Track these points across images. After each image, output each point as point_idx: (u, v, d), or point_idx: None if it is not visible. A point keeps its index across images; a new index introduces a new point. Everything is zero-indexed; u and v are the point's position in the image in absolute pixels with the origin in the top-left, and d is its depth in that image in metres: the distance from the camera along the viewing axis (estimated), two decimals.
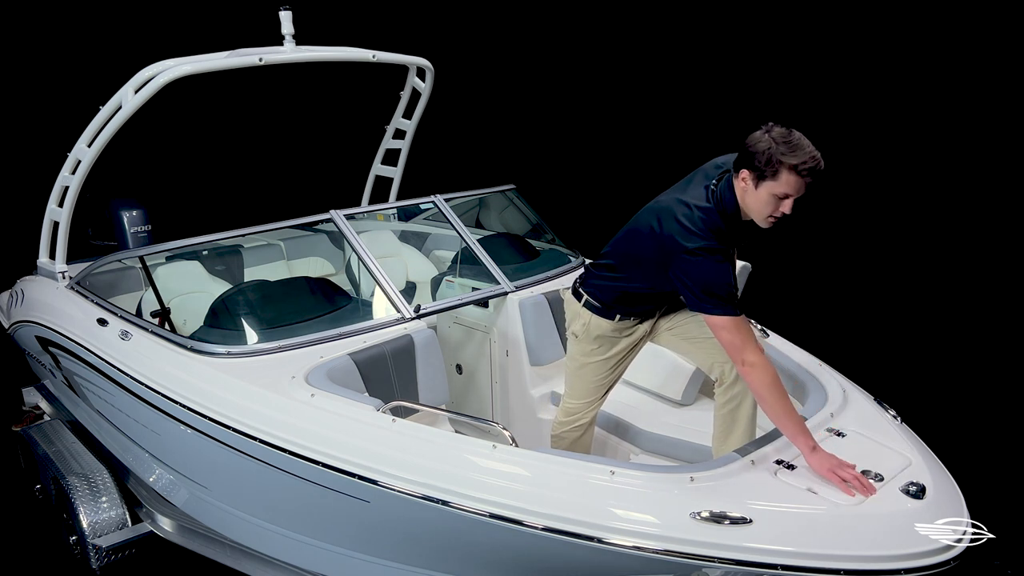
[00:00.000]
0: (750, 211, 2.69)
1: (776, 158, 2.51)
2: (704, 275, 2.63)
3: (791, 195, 2.58)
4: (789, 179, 2.53)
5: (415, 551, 2.87)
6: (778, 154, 2.51)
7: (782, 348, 3.38)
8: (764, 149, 2.53)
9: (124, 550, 3.90)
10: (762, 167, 2.55)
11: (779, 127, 2.57)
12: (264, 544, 3.40)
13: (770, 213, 2.64)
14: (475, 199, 4.89)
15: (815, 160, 2.52)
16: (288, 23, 4.11)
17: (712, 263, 2.62)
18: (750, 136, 2.61)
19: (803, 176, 2.52)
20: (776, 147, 2.52)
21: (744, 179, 2.63)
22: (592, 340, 3.15)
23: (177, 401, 3.27)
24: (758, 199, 2.62)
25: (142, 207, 4.81)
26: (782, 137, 2.53)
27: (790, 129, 2.57)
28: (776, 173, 2.53)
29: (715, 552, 2.21)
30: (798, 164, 2.50)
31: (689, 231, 2.65)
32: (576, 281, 3.24)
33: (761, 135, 2.58)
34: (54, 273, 4.47)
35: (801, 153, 2.51)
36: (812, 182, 2.55)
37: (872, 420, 2.80)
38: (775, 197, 2.58)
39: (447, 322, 3.94)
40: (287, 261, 5.30)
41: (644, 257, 2.86)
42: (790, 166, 2.50)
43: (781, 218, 2.66)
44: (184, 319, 3.91)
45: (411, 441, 2.68)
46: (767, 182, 2.56)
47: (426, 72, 4.99)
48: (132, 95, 3.88)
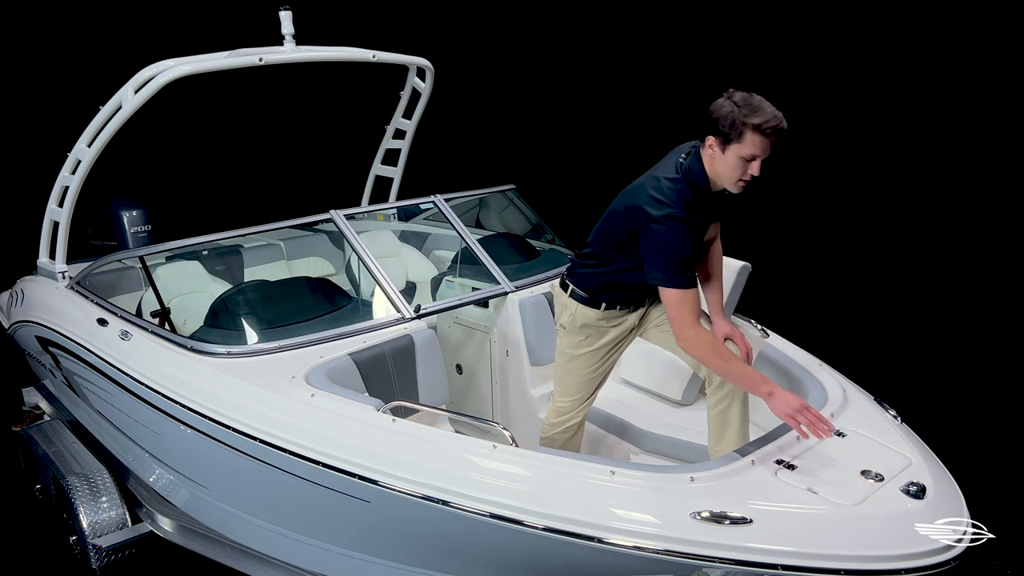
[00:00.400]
0: (720, 178, 2.75)
1: (740, 120, 2.59)
2: (666, 243, 2.69)
3: (758, 156, 2.64)
4: (754, 139, 2.60)
5: (415, 551, 2.87)
6: (741, 116, 2.59)
7: (782, 348, 3.38)
8: (727, 113, 2.61)
9: (124, 550, 3.89)
10: (727, 131, 2.62)
11: (740, 92, 2.65)
12: (264, 544, 3.40)
13: (739, 176, 2.70)
14: (475, 199, 4.89)
15: (777, 119, 2.60)
16: (288, 23, 4.11)
17: (676, 232, 2.68)
18: (712, 104, 2.68)
19: (767, 136, 2.60)
20: (739, 110, 2.60)
21: (711, 146, 2.70)
22: (579, 330, 3.15)
23: (177, 401, 3.27)
24: (726, 163, 2.69)
25: (142, 207, 4.81)
26: (743, 100, 2.62)
27: (750, 92, 2.65)
28: (741, 135, 2.61)
29: (715, 552, 2.21)
30: (762, 124, 2.58)
31: (658, 201, 2.71)
32: (563, 273, 3.27)
33: (723, 101, 2.66)
34: (54, 273, 4.47)
35: (764, 113, 2.58)
36: (777, 141, 2.62)
37: (872, 420, 2.80)
38: (742, 159, 2.65)
39: (447, 322, 3.94)
40: (287, 261, 5.30)
41: (620, 239, 2.90)
42: (754, 126, 2.58)
43: (751, 181, 2.72)
44: (184, 319, 3.91)
45: (411, 441, 2.68)
46: (733, 145, 2.64)
47: (426, 72, 5.00)
48: (132, 95, 3.88)
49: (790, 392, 2.63)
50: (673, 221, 2.68)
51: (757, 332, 3.49)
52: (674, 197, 2.71)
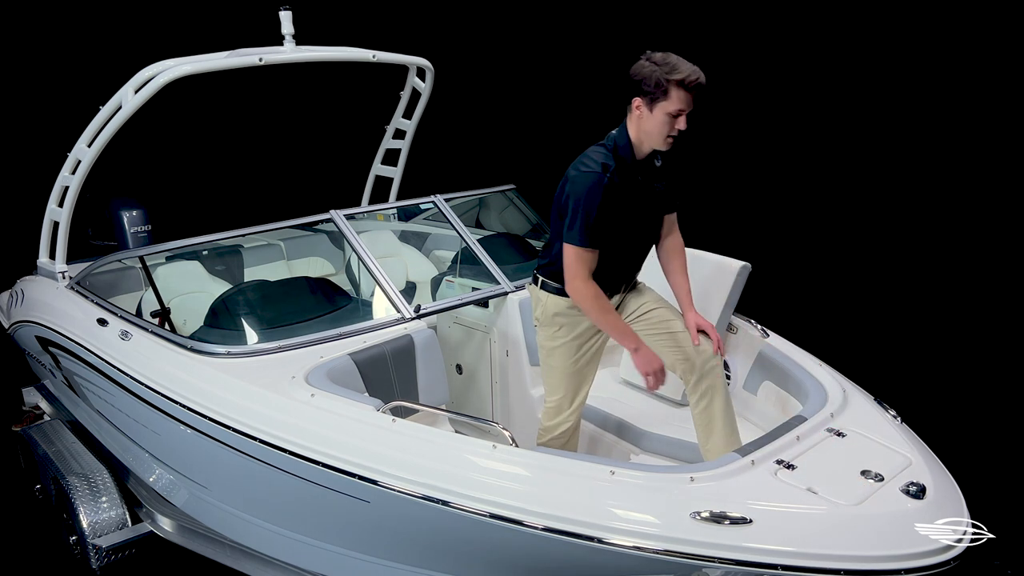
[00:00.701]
0: (649, 137, 2.91)
1: (664, 78, 2.76)
2: (573, 196, 2.88)
3: (684, 110, 2.82)
4: (679, 95, 2.78)
5: (415, 551, 2.87)
6: (663, 74, 2.76)
7: (782, 348, 3.38)
8: (650, 73, 2.78)
9: (124, 550, 3.89)
10: (652, 90, 2.79)
11: (657, 52, 2.83)
12: (264, 544, 3.40)
13: (668, 133, 2.87)
14: (475, 199, 4.89)
15: (697, 74, 2.79)
16: (288, 23, 4.11)
17: (585, 185, 2.86)
18: (633, 67, 2.85)
19: (690, 90, 2.79)
20: (660, 68, 2.77)
21: (638, 107, 2.87)
22: (552, 320, 3.18)
23: (177, 401, 3.27)
24: (655, 121, 2.85)
25: (142, 207, 4.81)
26: (663, 59, 2.80)
27: (666, 52, 2.83)
28: (667, 92, 2.78)
29: (715, 552, 2.21)
30: (684, 79, 2.76)
31: (580, 164, 2.95)
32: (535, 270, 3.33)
33: (644, 62, 2.82)
34: (54, 273, 4.47)
35: (684, 68, 2.78)
36: (698, 95, 2.82)
37: (872, 420, 2.80)
38: (669, 116, 2.82)
39: (447, 322, 3.94)
40: (287, 261, 5.30)
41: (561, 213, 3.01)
42: (677, 82, 2.76)
43: (678, 136, 2.89)
44: (184, 319, 3.91)
45: (411, 441, 2.68)
46: (660, 103, 2.81)
47: (426, 72, 5.00)
48: (132, 95, 3.88)
49: (653, 352, 2.97)
50: (587, 174, 2.87)
51: (757, 332, 3.49)
52: (593, 158, 2.92)
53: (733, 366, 3.61)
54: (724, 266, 3.55)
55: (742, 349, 3.57)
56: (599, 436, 3.67)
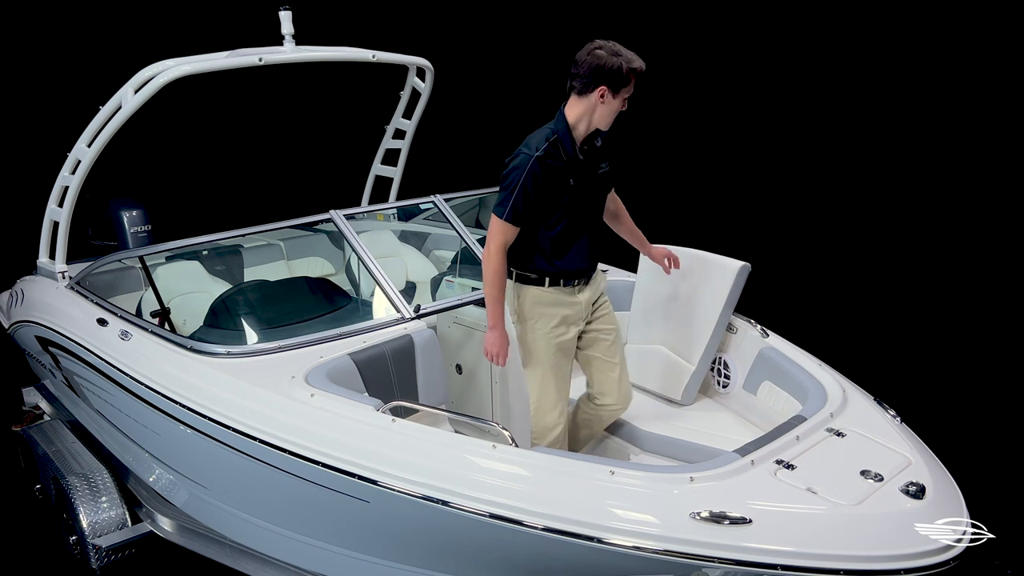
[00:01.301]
0: (603, 120, 3.12)
1: (625, 68, 3.00)
2: (509, 171, 3.06)
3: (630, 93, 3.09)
4: (633, 81, 3.06)
5: (415, 551, 2.87)
6: (626, 64, 2.99)
7: (782, 348, 3.38)
8: (615, 65, 2.98)
9: (124, 550, 3.89)
10: (620, 78, 3.01)
11: (605, 43, 3.03)
12: (264, 544, 3.40)
13: (615, 114, 3.13)
14: (475, 199, 4.89)
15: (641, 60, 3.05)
16: (288, 23, 4.11)
17: (518, 167, 3.04)
18: (589, 59, 3.02)
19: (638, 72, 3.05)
20: (620, 59, 2.99)
21: (602, 94, 3.04)
22: (530, 311, 3.26)
23: (177, 401, 3.27)
24: (612, 107, 3.08)
25: (142, 207, 4.81)
26: (616, 49, 3.01)
27: (606, 39, 3.06)
28: (628, 80, 3.03)
29: (715, 552, 2.21)
30: (639, 68, 3.03)
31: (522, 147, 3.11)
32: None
33: (602, 54, 3.00)
34: (54, 273, 4.47)
35: (635, 58, 3.03)
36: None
37: (872, 420, 2.80)
38: (624, 100, 3.09)
39: (447, 322, 3.93)
40: (287, 261, 5.30)
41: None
42: (635, 70, 3.02)
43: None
44: (184, 319, 3.91)
45: (411, 441, 2.68)
46: (622, 89, 3.04)
47: (426, 72, 5.00)
48: (132, 95, 3.88)
49: (506, 337, 3.12)
50: (523, 158, 3.04)
51: (757, 332, 3.49)
52: (531, 143, 3.09)
53: (733, 366, 3.61)
54: (724, 266, 3.55)
55: (742, 349, 3.57)
56: (599, 436, 3.67)
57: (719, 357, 3.69)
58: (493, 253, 3.10)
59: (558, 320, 3.26)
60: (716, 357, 3.70)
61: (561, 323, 3.27)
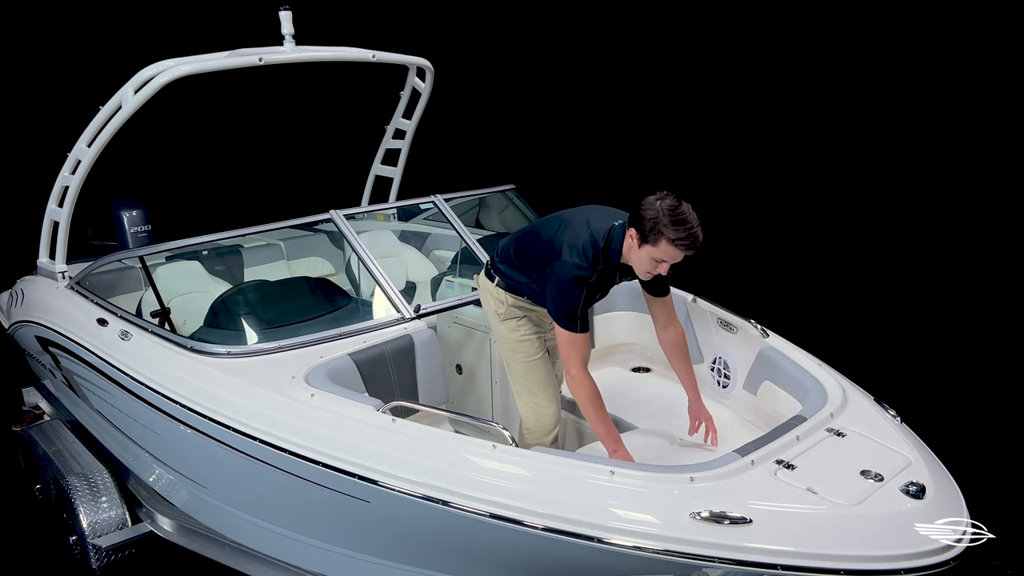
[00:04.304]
0: (632, 264, 2.97)
1: (659, 228, 2.77)
2: (562, 290, 2.93)
3: (667, 261, 2.86)
4: (667, 249, 2.80)
5: (415, 551, 2.87)
6: (661, 225, 2.76)
7: (782, 348, 3.38)
8: (651, 217, 2.78)
9: (124, 550, 3.89)
10: (647, 232, 2.81)
11: (671, 198, 2.80)
12: (264, 544, 3.40)
13: (648, 270, 2.93)
14: (475, 199, 4.89)
15: (692, 237, 2.77)
16: (288, 23, 4.10)
17: (573, 284, 2.91)
18: (645, 200, 2.84)
19: (679, 248, 2.79)
20: (662, 218, 2.76)
21: (632, 236, 2.89)
22: (511, 311, 3.25)
23: (177, 401, 3.27)
24: (639, 257, 2.90)
25: (142, 207, 4.81)
26: (670, 209, 2.77)
27: (680, 201, 2.80)
28: (657, 241, 2.80)
29: (715, 552, 2.21)
30: (676, 238, 2.77)
31: (574, 249, 2.94)
32: (486, 265, 3.40)
33: (653, 201, 2.81)
34: (54, 273, 4.47)
35: (681, 229, 2.75)
36: (690, 253, 2.82)
37: (872, 420, 2.80)
38: (653, 260, 2.87)
39: (447, 322, 3.94)
40: (287, 261, 5.29)
41: (536, 259, 3.11)
42: (669, 239, 2.77)
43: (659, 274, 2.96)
44: (184, 319, 3.91)
45: (411, 441, 2.68)
46: (648, 246, 2.83)
47: (426, 72, 4.99)
48: (132, 95, 3.87)
49: (631, 456, 2.94)
50: (578, 275, 2.90)
51: (757, 332, 3.49)
52: (589, 255, 2.93)
53: (733, 366, 3.61)
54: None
55: (742, 349, 3.57)
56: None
57: (719, 357, 3.69)
58: (582, 374, 2.97)
59: (539, 319, 3.30)
60: (716, 357, 3.70)
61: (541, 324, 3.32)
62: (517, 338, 3.27)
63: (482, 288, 3.37)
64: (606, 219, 3.03)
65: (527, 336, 3.27)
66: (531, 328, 3.28)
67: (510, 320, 3.27)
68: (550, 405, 3.31)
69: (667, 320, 3.29)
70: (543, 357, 3.31)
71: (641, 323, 4.17)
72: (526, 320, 3.27)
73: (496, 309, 3.29)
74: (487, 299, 3.34)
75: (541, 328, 3.32)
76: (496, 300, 3.28)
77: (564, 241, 2.97)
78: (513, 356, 3.30)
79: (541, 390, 3.29)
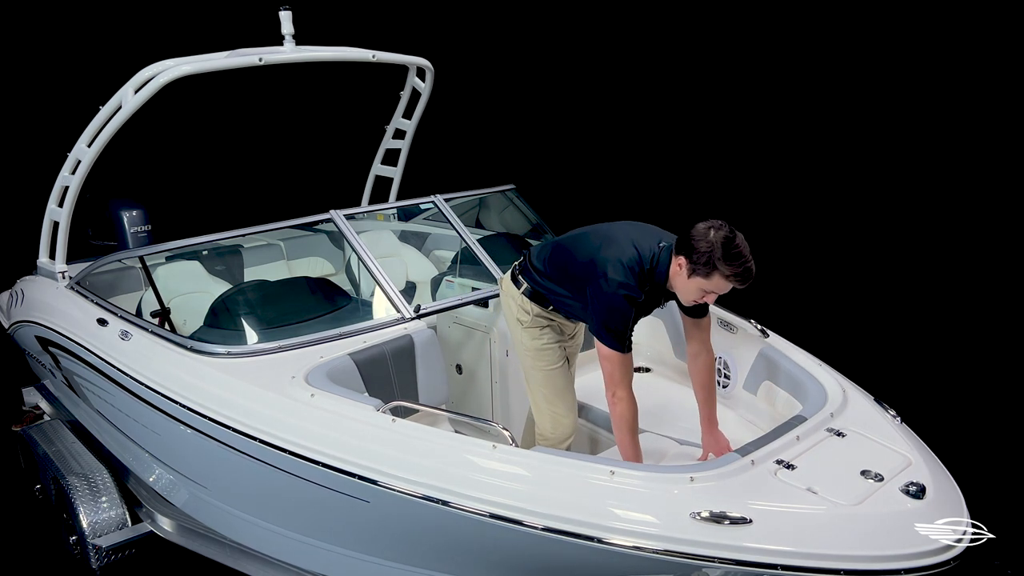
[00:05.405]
0: (676, 290, 2.88)
1: (713, 261, 2.66)
2: (611, 309, 2.85)
3: (716, 293, 2.77)
4: (719, 282, 2.71)
5: (415, 551, 2.87)
6: (716, 259, 2.66)
7: (782, 348, 3.38)
8: (705, 250, 2.67)
9: (124, 550, 3.89)
10: (698, 264, 2.70)
11: (726, 229, 2.69)
12: (264, 544, 3.40)
13: (694, 299, 2.86)
14: (475, 199, 4.89)
15: (748, 272, 2.68)
16: (288, 23, 4.10)
17: (623, 303, 2.84)
18: (696, 228, 2.73)
19: (732, 282, 2.71)
20: (716, 250, 2.65)
21: (680, 264, 2.78)
22: (535, 320, 3.22)
23: (177, 401, 3.27)
24: (687, 286, 2.80)
25: (142, 207, 4.81)
26: (724, 242, 2.66)
27: (734, 232, 2.70)
28: (709, 274, 2.69)
29: (715, 552, 2.21)
30: (730, 274, 2.67)
31: (621, 267, 2.85)
32: (514, 270, 3.34)
33: (706, 231, 2.69)
34: (54, 273, 4.47)
35: (736, 264, 2.66)
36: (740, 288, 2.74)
37: (872, 420, 2.80)
38: (702, 290, 2.77)
39: (447, 322, 3.94)
40: (287, 261, 5.30)
41: (572, 274, 3.03)
42: (724, 274, 2.67)
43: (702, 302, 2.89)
44: (184, 319, 3.91)
45: (411, 441, 2.68)
46: (698, 278, 2.73)
47: (426, 72, 4.99)
48: (132, 95, 3.88)
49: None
50: (625, 294, 2.83)
51: (757, 332, 3.49)
52: (635, 275, 2.85)
53: (733, 366, 3.61)
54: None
55: (742, 349, 3.57)
56: (599, 436, 3.67)
57: (719, 357, 3.69)
58: (627, 395, 2.90)
59: (561, 327, 3.28)
60: (716, 357, 3.69)
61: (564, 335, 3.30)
62: (539, 346, 3.23)
63: (505, 292, 3.33)
64: (651, 239, 2.94)
65: (549, 345, 3.22)
66: (553, 337, 3.23)
67: (533, 328, 3.22)
68: (568, 415, 3.28)
69: (699, 346, 3.17)
70: (563, 366, 3.27)
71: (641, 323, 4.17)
72: (549, 329, 3.22)
73: (519, 316, 3.24)
74: (509, 304, 3.29)
75: (563, 336, 3.28)
76: (520, 308, 3.23)
77: (608, 259, 2.88)
78: (533, 364, 3.26)
79: (560, 399, 3.27)
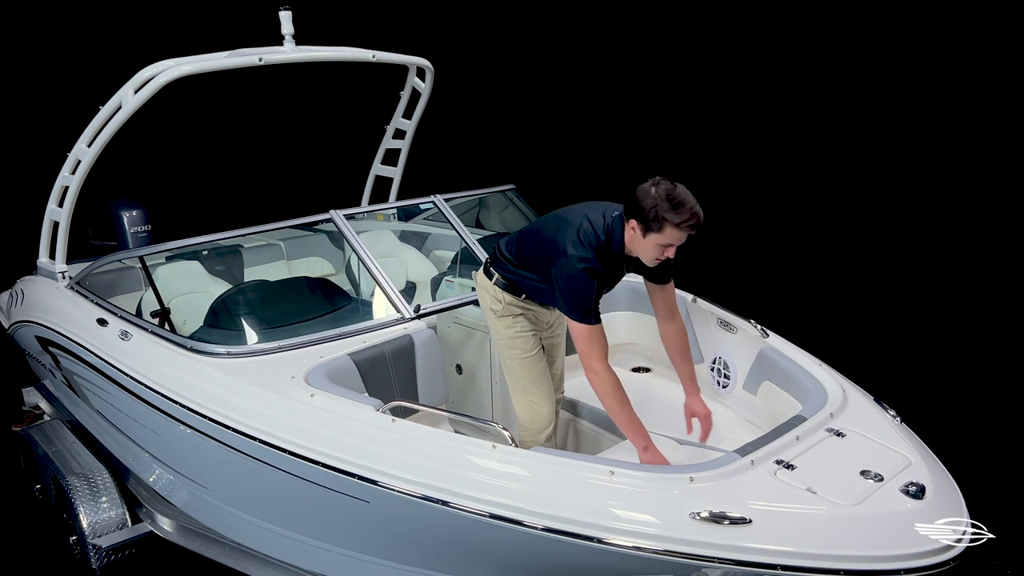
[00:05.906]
0: (637, 253, 2.97)
1: (661, 215, 2.77)
2: (575, 285, 2.91)
3: (673, 244, 2.86)
4: (672, 232, 2.81)
5: (415, 551, 2.87)
6: (663, 211, 2.77)
7: (782, 348, 3.38)
8: (651, 206, 2.79)
9: (124, 550, 3.90)
10: (649, 221, 2.80)
11: (665, 182, 2.82)
12: (264, 544, 3.40)
13: (655, 256, 2.92)
14: (475, 199, 4.89)
15: (695, 217, 2.79)
16: (288, 23, 4.11)
17: (585, 277, 2.90)
18: (639, 188, 2.85)
19: (684, 230, 2.80)
20: (661, 203, 2.77)
21: (633, 228, 2.89)
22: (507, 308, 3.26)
23: (177, 401, 3.27)
24: (645, 246, 2.90)
25: (142, 207, 4.81)
26: (667, 194, 2.78)
27: (675, 184, 2.83)
28: (661, 227, 2.80)
29: (715, 552, 2.21)
30: (680, 222, 2.77)
31: (578, 243, 2.93)
32: (486, 262, 3.40)
33: (648, 189, 2.82)
34: (54, 273, 4.47)
35: (683, 211, 2.77)
36: (693, 234, 2.83)
37: (872, 420, 2.80)
38: (660, 246, 2.87)
39: (447, 322, 3.94)
40: (287, 261, 5.30)
41: (538, 258, 3.10)
42: (673, 223, 2.78)
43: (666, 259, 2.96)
44: (184, 319, 3.91)
45: (411, 441, 2.68)
46: (653, 234, 2.83)
47: (426, 72, 4.99)
48: (132, 95, 3.88)
49: (661, 454, 2.89)
50: (586, 267, 2.89)
51: (757, 332, 3.49)
52: (593, 246, 2.92)
53: (733, 366, 3.61)
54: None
55: (742, 349, 3.57)
56: (599, 436, 3.67)
57: (719, 357, 3.69)
58: (604, 368, 2.94)
59: (535, 317, 3.32)
60: (716, 357, 3.70)
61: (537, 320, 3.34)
62: (512, 335, 3.28)
63: (480, 285, 3.38)
64: (601, 211, 3.03)
65: (522, 333, 3.27)
66: (527, 325, 3.29)
67: (506, 317, 3.28)
68: (545, 403, 3.31)
69: (669, 312, 3.28)
70: (538, 354, 3.32)
71: (641, 323, 4.17)
72: (522, 317, 3.28)
73: (492, 306, 3.30)
74: (484, 296, 3.35)
75: (537, 326, 3.33)
76: (492, 298, 3.29)
77: (566, 238, 2.96)
78: (508, 353, 3.31)
79: (536, 387, 3.30)
